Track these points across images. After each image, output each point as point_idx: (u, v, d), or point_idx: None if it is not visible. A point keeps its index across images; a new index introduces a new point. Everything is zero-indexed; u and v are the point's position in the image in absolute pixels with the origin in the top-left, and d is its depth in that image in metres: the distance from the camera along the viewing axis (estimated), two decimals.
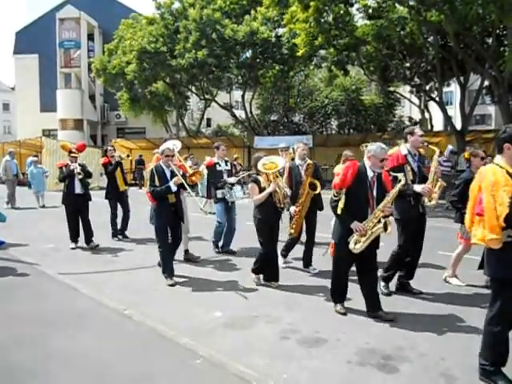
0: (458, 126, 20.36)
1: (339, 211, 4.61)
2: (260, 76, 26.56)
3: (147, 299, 5.59)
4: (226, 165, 7.96)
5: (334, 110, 32.73)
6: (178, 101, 31.05)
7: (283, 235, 6.82)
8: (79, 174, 8.35)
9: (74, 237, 8.51)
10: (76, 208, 8.42)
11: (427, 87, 25.23)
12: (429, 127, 29.29)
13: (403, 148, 5.52)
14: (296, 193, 6.46)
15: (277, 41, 24.21)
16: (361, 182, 4.64)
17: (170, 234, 6.35)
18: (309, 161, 6.79)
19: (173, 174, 6.23)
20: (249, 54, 25.24)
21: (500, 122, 25.23)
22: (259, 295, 5.68)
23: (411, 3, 17.48)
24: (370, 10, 19.56)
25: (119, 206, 9.45)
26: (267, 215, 5.83)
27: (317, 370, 3.78)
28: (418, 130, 5.63)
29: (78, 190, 8.42)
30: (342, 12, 18.70)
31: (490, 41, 18.34)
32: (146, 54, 24.30)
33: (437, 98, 21.72)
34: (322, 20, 18.46)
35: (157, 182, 6.13)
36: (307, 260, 6.84)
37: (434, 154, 5.56)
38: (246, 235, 7.95)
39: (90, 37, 39.16)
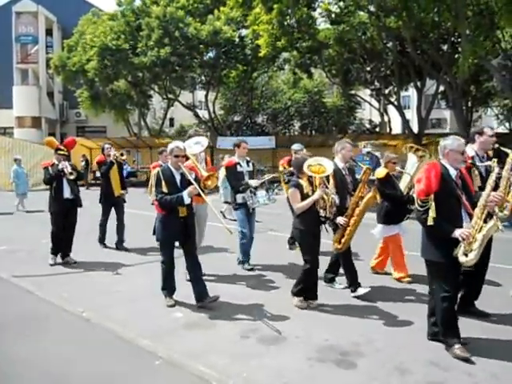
0: (416, 129, 20.96)
1: (431, 221, 3.91)
2: (223, 76, 26.54)
3: (107, 301, 5.50)
4: (248, 165, 6.88)
5: (296, 112, 33.13)
6: (140, 100, 30.56)
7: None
8: (71, 173, 7.17)
9: (58, 250, 7.33)
10: (65, 215, 7.23)
11: (386, 91, 25.87)
12: (388, 130, 30.09)
13: (469, 149, 4.84)
14: (341, 201, 5.41)
15: (240, 41, 24.27)
16: (447, 183, 3.99)
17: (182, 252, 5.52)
18: (364, 166, 5.72)
19: (183, 178, 5.24)
20: (212, 53, 25.17)
21: (454, 126, 26.15)
22: (219, 295, 5.68)
23: (371, 9, 17.92)
24: (333, 15, 19.91)
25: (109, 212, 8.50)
26: (311, 225, 5.08)
27: (276, 368, 3.82)
28: (487, 130, 4.96)
29: (68, 194, 7.20)
30: (304, 16, 18.94)
31: (445, 47, 19.02)
32: (107, 50, 23.80)
33: (395, 102, 22.33)
34: (285, 23, 18.67)
35: (164, 188, 5.15)
36: (333, 273, 6.00)
37: (508, 157, 4.66)
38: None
39: (49, 32, 37.98)
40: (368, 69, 24.06)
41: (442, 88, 20.73)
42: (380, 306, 5.30)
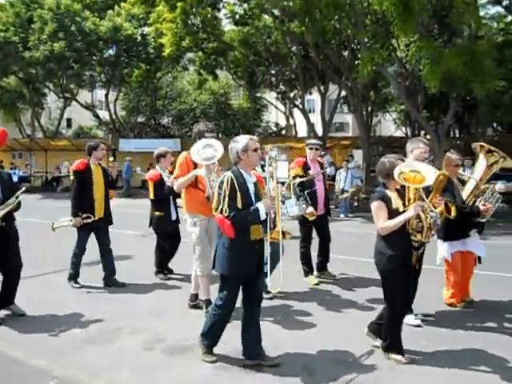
0: (320, 132, 21.65)
1: None
2: (125, 75, 25.42)
3: None
4: (263, 170, 5.52)
5: (202, 114, 32.80)
6: (34, 98, 28.37)
7: None
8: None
9: None
10: None
11: (291, 94, 26.54)
12: (293, 133, 30.93)
13: None
14: None
15: (142, 39, 23.42)
16: None
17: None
18: (439, 171, 4.45)
19: (257, 189, 3.85)
20: (112, 50, 24.03)
21: (356, 130, 27.55)
22: (122, 307, 5.25)
23: (275, 13, 18.22)
24: (237, 17, 19.98)
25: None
26: (403, 252, 3.82)
27: (182, 379, 3.64)
28: None
29: None
30: (209, 16, 18.79)
31: (345, 54, 19.88)
32: None
33: (300, 106, 22.92)
34: (190, 22, 18.38)
35: (239, 202, 3.65)
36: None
37: None
38: None
39: None
40: (273, 72, 24.48)
41: (343, 93, 21.63)
42: (288, 308, 5.23)
